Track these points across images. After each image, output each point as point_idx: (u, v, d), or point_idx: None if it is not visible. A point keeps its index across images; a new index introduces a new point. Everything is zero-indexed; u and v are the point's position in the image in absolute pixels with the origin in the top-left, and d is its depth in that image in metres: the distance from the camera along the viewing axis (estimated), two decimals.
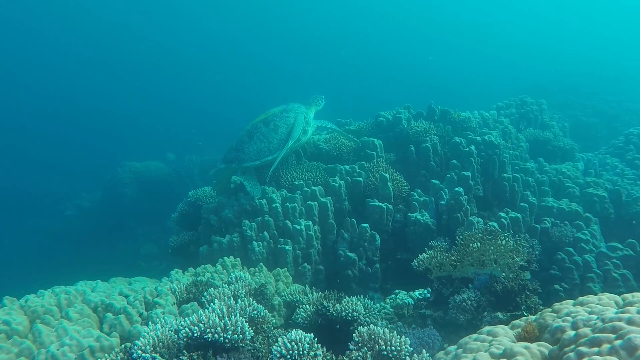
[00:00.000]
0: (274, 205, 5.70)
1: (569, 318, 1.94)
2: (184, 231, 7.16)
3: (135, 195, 13.62)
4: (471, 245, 4.26)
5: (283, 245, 5.47)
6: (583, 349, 1.81)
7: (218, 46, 38.57)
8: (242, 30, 39.62)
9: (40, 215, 15.33)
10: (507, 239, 4.17)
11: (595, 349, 1.78)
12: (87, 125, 27.62)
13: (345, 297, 4.33)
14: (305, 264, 5.55)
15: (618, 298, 2.25)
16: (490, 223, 5.81)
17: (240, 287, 4.01)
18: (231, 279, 4.24)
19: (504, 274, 4.10)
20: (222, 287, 3.89)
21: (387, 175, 6.10)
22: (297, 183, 6.11)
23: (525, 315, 3.76)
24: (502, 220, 5.85)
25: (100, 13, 35.96)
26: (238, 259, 5.22)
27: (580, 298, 2.19)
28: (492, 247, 4.16)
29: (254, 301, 3.43)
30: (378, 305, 4.89)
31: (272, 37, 39.64)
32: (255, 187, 6.00)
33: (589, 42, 35.37)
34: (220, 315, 3.09)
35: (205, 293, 3.78)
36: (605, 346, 1.77)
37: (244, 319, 3.10)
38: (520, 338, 2.33)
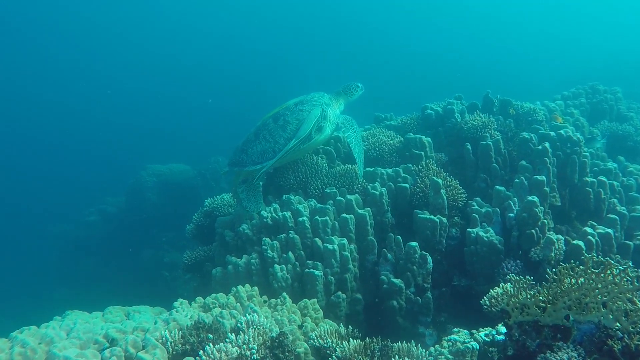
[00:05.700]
0: (300, 219, 4.65)
1: None
2: (199, 245, 6.25)
3: (158, 200, 12.86)
4: (568, 280, 3.08)
5: (312, 270, 4.40)
6: None
7: (244, 45, 37.98)
8: (265, 26, 38.96)
9: (65, 221, 14.82)
10: (622, 272, 2.96)
11: None
12: (115, 128, 27.49)
13: (392, 348, 3.25)
14: (340, 293, 4.46)
15: None
16: (574, 242, 4.59)
17: (252, 339, 2.96)
18: (241, 324, 3.20)
19: (618, 324, 2.91)
20: (225, 342, 2.85)
21: (439, 180, 4.94)
22: (328, 191, 5.04)
23: None
24: (589, 237, 4.60)
25: (130, 20, 36.22)
26: (255, 288, 4.18)
27: None
28: (599, 284, 2.97)
29: None
30: (432, 349, 3.78)
31: (301, 26, 38.82)
32: (253, 201, 4.95)
33: None
34: None
35: (200, 352, 2.75)
36: None
37: None
38: None
